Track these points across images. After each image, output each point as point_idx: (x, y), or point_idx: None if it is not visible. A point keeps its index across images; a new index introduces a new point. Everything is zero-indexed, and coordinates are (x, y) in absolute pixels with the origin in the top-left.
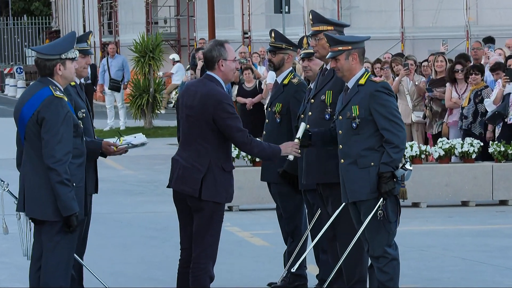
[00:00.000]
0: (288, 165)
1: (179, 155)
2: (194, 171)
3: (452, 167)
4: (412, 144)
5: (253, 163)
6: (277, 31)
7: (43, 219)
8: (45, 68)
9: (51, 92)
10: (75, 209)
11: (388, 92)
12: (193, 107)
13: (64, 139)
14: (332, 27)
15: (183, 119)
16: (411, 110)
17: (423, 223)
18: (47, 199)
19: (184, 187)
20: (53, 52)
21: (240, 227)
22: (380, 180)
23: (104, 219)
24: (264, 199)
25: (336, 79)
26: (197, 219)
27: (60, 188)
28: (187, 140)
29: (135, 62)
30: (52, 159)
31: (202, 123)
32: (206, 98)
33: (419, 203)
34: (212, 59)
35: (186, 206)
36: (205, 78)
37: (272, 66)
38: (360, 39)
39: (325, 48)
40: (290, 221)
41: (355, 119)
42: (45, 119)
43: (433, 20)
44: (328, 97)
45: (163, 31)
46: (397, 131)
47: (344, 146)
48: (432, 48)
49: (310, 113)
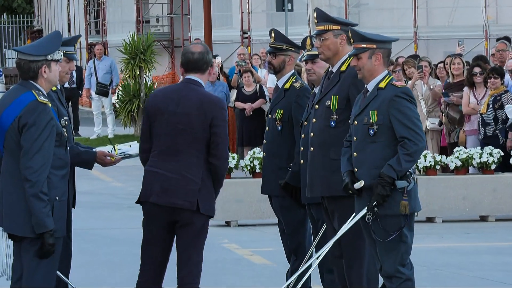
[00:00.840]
0: (290, 176)
1: (158, 167)
2: (188, 183)
3: (470, 178)
4: (426, 154)
5: (253, 175)
6: (277, 31)
7: (24, 235)
8: (29, 70)
9: (35, 97)
10: (49, 226)
11: (409, 99)
12: (188, 114)
13: (44, 148)
14: (338, 26)
15: (164, 127)
16: (426, 116)
17: (438, 239)
18: (26, 214)
19: (175, 200)
20: (38, 53)
21: (239, 244)
22: (378, 179)
23: (91, 235)
24: (265, 214)
25: (343, 83)
26: (184, 234)
27: (34, 202)
28: (171, 150)
29: (124, 64)
30: (29, 170)
31: (198, 131)
32: (207, 103)
33: (433, 218)
34: (209, 62)
35: (167, 222)
36: (190, 83)
37: (272, 68)
38: (387, 39)
39: (331, 49)
40: (293, 237)
41: (372, 126)
42: (26, 125)
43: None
44: (333, 103)
45: (155, 30)
46: (416, 140)
47: (359, 154)
48: (447, 49)
49: (314, 120)
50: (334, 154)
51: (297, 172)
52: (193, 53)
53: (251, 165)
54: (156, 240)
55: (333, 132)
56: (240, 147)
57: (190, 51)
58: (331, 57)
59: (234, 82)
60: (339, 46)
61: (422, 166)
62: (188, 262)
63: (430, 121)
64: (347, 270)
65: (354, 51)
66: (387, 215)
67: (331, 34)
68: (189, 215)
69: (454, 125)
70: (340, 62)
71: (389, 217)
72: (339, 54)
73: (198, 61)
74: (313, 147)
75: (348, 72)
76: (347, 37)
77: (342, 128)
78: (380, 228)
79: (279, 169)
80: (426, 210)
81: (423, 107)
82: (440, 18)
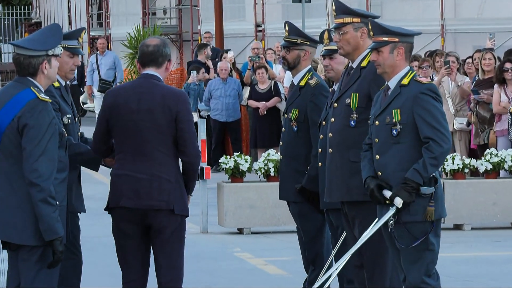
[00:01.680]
0: (306, 180)
1: (127, 169)
2: (161, 183)
3: (501, 183)
4: (454, 156)
5: (267, 178)
6: (291, 24)
7: (21, 243)
8: (29, 66)
9: (35, 95)
10: (59, 232)
11: (434, 96)
12: (151, 110)
13: (49, 150)
14: (358, 18)
15: (127, 126)
16: (453, 115)
17: (466, 248)
18: (25, 220)
19: (149, 202)
20: (39, 47)
21: (252, 253)
22: (403, 185)
23: (93, 243)
24: (280, 220)
25: (364, 80)
26: (162, 238)
27: (44, 207)
28: (138, 150)
29: (129, 59)
30: (35, 173)
31: (163, 128)
32: (170, 98)
33: (462, 225)
34: (165, 56)
35: (138, 228)
36: (148, 78)
37: (286, 64)
38: (410, 32)
39: (350, 44)
40: (311, 246)
41: (395, 125)
42: (27, 125)
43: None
44: (354, 101)
45: (162, 23)
46: (441, 141)
47: (381, 156)
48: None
49: (333, 119)
50: (354, 156)
51: (314, 176)
52: (148, 46)
53: (265, 168)
54: (132, 248)
55: (353, 132)
56: (253, 148)
57: (145, 44)
58: (351, 52)
59: (247, 79)
60: (359, 40)
61: (450, 169)
62: (169, 267)
63: (457, 120)
64: (368, 281)
65: (374, 45)
66: (411, 221)
67: (350, 27)
68: (165, 217)
69: (484, 125)
70: (361, 57)
71: (414, 224)
72: (360, 49)
73: (153, 53)
74: (331, 148)
75: (369, 68)
76: (368, 30)
77: (362, 128)
78: (404, 235)
79: (297, 173)
80: (454, 216)
81: (450, 106)
82: (469, 9)
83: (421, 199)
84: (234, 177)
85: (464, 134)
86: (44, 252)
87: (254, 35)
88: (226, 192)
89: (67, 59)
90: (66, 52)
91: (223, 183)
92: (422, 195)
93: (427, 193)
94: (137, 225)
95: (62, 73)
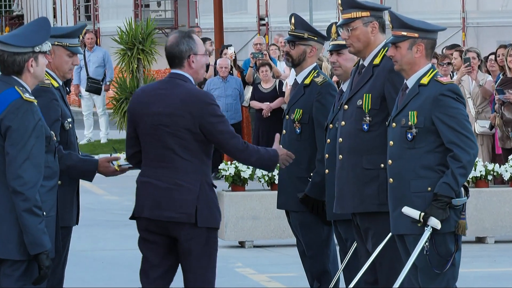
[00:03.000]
0: (311, 188)
1: (149, 176)
2: (183, 192)
3: None
4: (476, 162)
5: (271, 186)
6: (298, 16)
7: (3, 257)
8: (14, 64)
9: (19, 95)
10: (46, 245)
11: (456, 97)
12: (170, 114)
13: (34, 155)
14: (368, 12)
15: (148, 130)
16: (474, 118)
17: (490, 263)
18: (8, 232)
19: (170, 214)
20: (25, 44)
21: (255, 269)
22: (434, 203)
23: (82, 257)
24: (285, 233)
25: (377, 79)
26: (188, 253)
27: (28, 218)
28: (160, 156)
29: (120, 56)
30: (19, 181)
31: (184, 133)
32: (189, 101)
33: (484, 238)
34: (181, 54)
35: (163, 239)
36: (173, 77)
37: (290, 60)
38: (433, 27)
39: (361, 40)
40: (316, 261)
41: (411, 129)
42: (10, 128)
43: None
44: (366, 102)
45: (156, 16)
46: (467, 147)
47: (394, 162)
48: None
49: (343, 123)
50: (367, 162)
51: (319, 183)
52: (166, 46)
53: (269, 175)
54: (156, 262)
55: (366, 137)
56: None
57: (166, 44)
58: (362, 49)
59: (249, 78)
60: (370, 36)
61: (472, 177)
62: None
63: (479, 123)
64: None
65: (392, 39)
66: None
67: (360, 22)
68: (188, 230)
69: (509, 128)
70: (373, 54)
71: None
72: (371, 45)
73: (169, 54)
74: (342, 154)
75: (382, 65)
76: (379, 24)
77: (376, 132)
78: (437, 257)
79: (298, 180)
80: (476, 228)
81: (471, 107)
82: (492, 1)
83: (452, 211)
84: (235, 185)
85: (487, 138)
86: (29, 266)
87: (257, 30)
88: (226, 201)
89: (66, 58)
90: (66, 51)
91: (223, 192)
92: (454, 207)
93: (460, 204)
94: (162, 236)
95: (60, 73)
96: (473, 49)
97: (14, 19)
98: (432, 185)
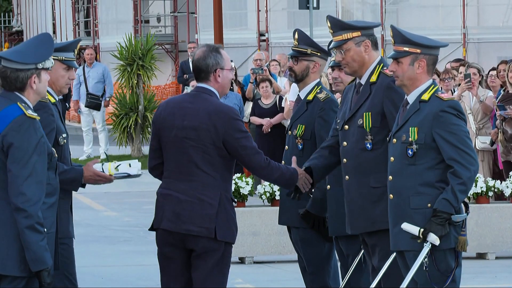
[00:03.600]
0: (312, 204)
1: (170, 189)
2: (204, 206)
3: None
4: (477, 178)
5: (271, 202)
6: (302, 32)
7: (3, 273)
8: (16, 80)
9: (22, 111)
10: (48, 262)
11: (457, 114)
12: (195, 128)
13: (37, 171)
14: (359, 32)
15: (172, 143)
16: (475, 134)
17: (491, 279)
18: (8, 248)
19: (189, 227)
20: (28, 60)
21: (255, 285)
22: (434, 219)
23: (80, 273)
24: (285, 248)
25: (375, 97)
26: (202, 265)
27: (31, 235)
28: (182, 169)
29: (119, 71)
30: (22, 198)
31: (208, 147)
32: (215, 115)
33: (485, 254)
34: (207, 68)
35: (180, 252)
36: (199, 91)
37: (293, 76)
38: (435, 43)
39: (356, 61)
40: (317, 276)
41: (411, 145)
42: (13, 145)
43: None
44: (367, 121)
45: (156, 32)
46: (468, 163)
47: (395, 178)
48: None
49: (345, 143)
50: (374, 181)
51: (321, 199)
52: (193, 60)
53: (270, 191)
54: (172, 274)
55: (370, 156)
56: None
57: (193, 56)
58: (357, 69)
59: (249, 93)
60: (364, 55)
61: (473, 193)
62: None
63: (480, 139)
64: None
65: (394, 54)
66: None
67: (352, 43)
68: (206, 243)
69: (511, 144)
70: (369, 72)
71: (438, 253)
72: (366, 64)
73: (196, 68)
74: (348, 175)
75: (379, 83)
76: (372, 42)
77: (380, 150)
78: (436, 274)
79: None
80: (477, 244)
81: (472, 123)
82: (493, 17)
83: (452, 227)
84: None
85: (488, 154)
86: (28, 282)
87: (257, 45)
88: None
89: (62, 73)
90: (62, 65)
91: None
92: (454, 223)
93: (459, 221)
94: (179, 249)
95: (56, 87)
96: (474, 65)
97: (14, 35)
98: (432, 201)
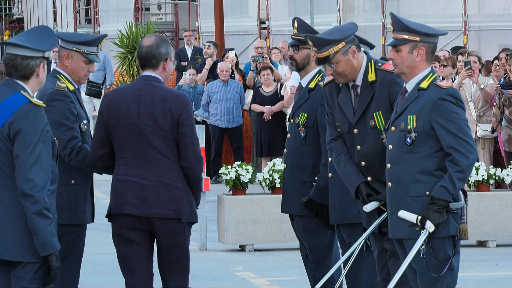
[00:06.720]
0: (315, 192)
1: (129, 175)
2: (170, 189)
3: None
4: (478, 166)
5: (272, 190)
6: (301, 20)
7: (14, 259)
8: (26, 68)
9: (27, 99)
10: (56, 246)
11: (456, 102)
12: (152, 114)
13: (42, 158)
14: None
15: (128, 131)
16: (476, 121)
17: (491, 267)
18: (18, 234)
19: (156, 210)
20: (39, 48)
21: (256, 272)
22: (431, 206)
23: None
24: (286, 236)
25: (380, 94)
26: (168, 246)
27: (39, 220)
28: (142, 155)
29: (120, 59)
30: (30, 183)
31: (167, 132)
32: (171, 100)
33: (486, 242)
34: (160, 56)
35: (145, 236)
36: (148, 79)
37: (294, 64)
38: (434, 32)
39: (346, 70)
40: (319, 265)
41: (410, 133)
42: (21, 131)
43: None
44: (379, 121)
45: (156, 19)
46: (467, 151)
47: (393, 166)
48: (503, 41)
49: (359, 147)
50: None
51: (323, 187)
52: (142, 47)
53: (270, 179)
54: (138, 256)
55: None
56: (257, 157)
57: (140, 45)
58: (350, 76)
59: (250, 81)
60: (353, 61)
61: (473, 181)
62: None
63: (481, 127)
64: None
65: (393, 42)
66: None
67: (339, 55)
68: (171, 225)
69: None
70: (362, 73)
71: (436, 241)
72: (356, 68)
73: (146, 55)
74: (370, 176)
75: (380, 80)
76: (356, 46)
77: None
78: (434, 261)
79: (302, 184)
80: (478, 232)
81: (473, 111)
82: (494, 4)
83: (451, 215)
84: (235, 189)
85: (488, 142)
86: (39, 268)
87: (258, 33)
88: (227, 205)
89: (82, 65)
90: (83, 57)
91: (224, 196)
92: (452, 211)
93: (458, 208)
94: (142, 232)
95: (75, 77)
96: (474, 53)
97: (14, 23)
98: (431, 189)
